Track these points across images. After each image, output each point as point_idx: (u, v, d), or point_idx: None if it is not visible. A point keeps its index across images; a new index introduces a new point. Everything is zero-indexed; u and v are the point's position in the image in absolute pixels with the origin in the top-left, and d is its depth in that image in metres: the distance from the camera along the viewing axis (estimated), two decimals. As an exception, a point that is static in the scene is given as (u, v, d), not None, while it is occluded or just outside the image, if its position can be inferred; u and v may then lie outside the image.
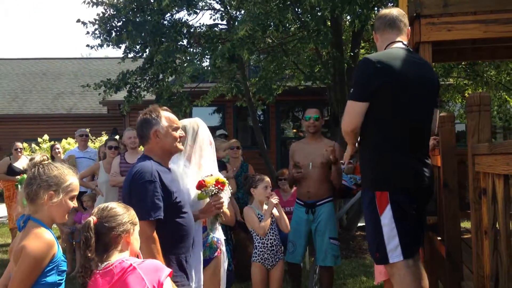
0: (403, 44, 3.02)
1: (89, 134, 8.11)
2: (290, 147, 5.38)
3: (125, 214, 2.15)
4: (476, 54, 6.53)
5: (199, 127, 3.39)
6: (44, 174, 2.23)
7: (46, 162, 2.30)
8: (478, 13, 4.89)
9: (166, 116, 2.91)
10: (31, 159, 2.32)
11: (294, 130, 16.12)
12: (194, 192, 3.24)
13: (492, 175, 2.16)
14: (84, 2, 7.49)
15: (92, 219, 2.09)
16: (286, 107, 15.24)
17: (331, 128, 9.41)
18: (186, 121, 3.42)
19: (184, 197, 2.97)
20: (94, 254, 2.03)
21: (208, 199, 3.23)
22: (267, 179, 4.47)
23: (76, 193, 2.32)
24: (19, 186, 8.45)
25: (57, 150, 8.15)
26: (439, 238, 3.75)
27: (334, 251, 4.91)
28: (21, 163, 8.77)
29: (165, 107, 3.04)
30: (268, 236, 4.40)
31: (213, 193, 3.15)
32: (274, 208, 4.39)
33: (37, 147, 12.79)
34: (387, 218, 2.83)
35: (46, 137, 12.67)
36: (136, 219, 2.22)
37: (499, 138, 14.40)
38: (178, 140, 2.92)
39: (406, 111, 2.89)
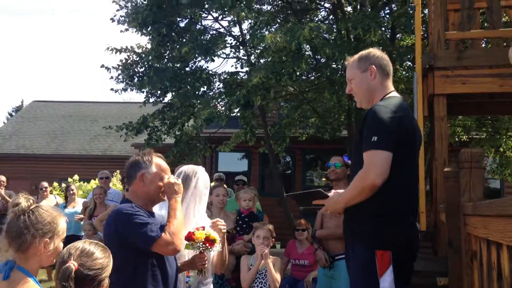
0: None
1: (110, 176, 8.28)
2: None
3: (105, 259, 2.03)
4: (495, 109, 6.35)
5: (197, 176, 3.24)
6: (37, 221, 2.07)
7: (33, 206, 2.13)
8: (494, 67, 4.79)
9: (157, 163, 2.82)
10: (15, 205, 2.13)
11: (324, 179, 15.91)
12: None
13: (479, 238, 2.03)
14: (108, 49, 7.86)
15: (73, 265, 1.91)
16: (313, 155, 15.13)
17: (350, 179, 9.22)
18: (185, 168, 3.39)
19: None
20: None
21: (193, 252, 3.08)
22: (266, 228, 4.35)
23: (65, 235, 2.20)
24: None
25: (71, 192, 8.32)
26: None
27: None
28: (48, 202, 8.99)
29: (159, 154, 2.96)
30: None
31: (199, 250, 2.94)
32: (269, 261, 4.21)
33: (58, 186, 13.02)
34: (387, 282, 2.55)
35: (76, 177, 12.99)
36: (110, 269, 2.09)
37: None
38: (162, 190, 2.80)
39: (412, 166, 2.77)
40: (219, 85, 7.98)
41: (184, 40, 8.15)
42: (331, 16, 9.97)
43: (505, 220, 1.37)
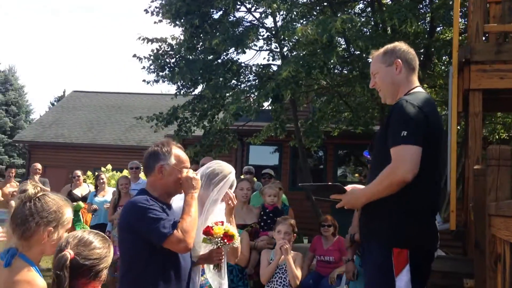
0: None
1: (140, 167, 8.37)
2: None
3: (103, 250, 1.97)
4: (536, 106, 6.02)
5: (227, 179, 3.08)
6: (42, 209, 2.02)
7: (40, 194, 2.08)
8: (533, 62, 4.54)
9: (176, 154, 2.75)
10: (22, 191, 2.08)
11: (357, 175, 15.61)
12: (199, 234, 3.12)
13: (503, 240, 1.89)
14: (139, 38, 7.90)
15: (69, 253, 1.86)
16: (346, 150, 14.87)
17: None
18: (215, 165, 3.16)
19: None
20: None
21: (211, 246, 3.01)
22: (288, 222, 4.27)
23: (70, 225, 2.16)
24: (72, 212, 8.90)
25: (101, 180, 8.44)
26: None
27: None
28: (81, 190, 9.21)
29: (179, 145, 2.89)
30: (273, 284, 4.13)
31: (217, 245, 2.92)
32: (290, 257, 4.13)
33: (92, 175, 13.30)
34: (403, 281, 2.48)
35: (109, 166, 13.23)
36: (110, 261, 2.04)
37: None
38: (181, 182, 2.73)
39: (436, 163, 2.68)
40: (250, 77, 7.91)
41: (216, 32, 8.13)
42: (369, 9, 9.73)
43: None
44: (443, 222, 6.23)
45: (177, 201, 2.96)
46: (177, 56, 8.03)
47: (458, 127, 5.57)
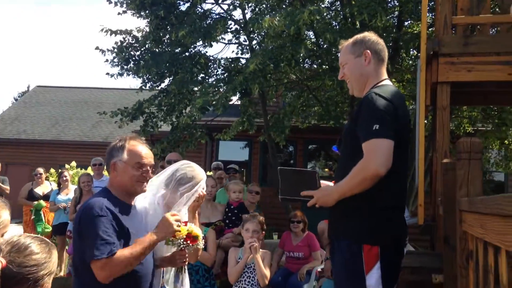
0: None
1: (104, 163, 8.10)
2: None
3: (43, 255, 1.75)
4: (502, 99, 6.05)
5: (199, 185, 2.91)
6: None
7: None
8: (502, 54, 4.52)
9: (130, 149, 2.54)
10: None
11: (327, 170, 15.64)
12: None
13: (475, 237, 1.80)
14: (102, 30, 7.61)
15: (0, 262, 1.65)
16: (316, 145, 14.87)
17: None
18: (188, 168, 2.93)
19: None
20: None
21: (174, 248, 2.83)
22: (256, 220, 4.16)
23: (7, 229, 1.97)
24: (33, 211, 8.58)
25: (64, 178, 8.18)
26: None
27: None
28: (42, 188, 8.87)
29: (139, 139, 2.67)
30: (242, 284, 4.01)
31: (179, 247, 2.74)
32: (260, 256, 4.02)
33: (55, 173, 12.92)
34: (373, 279, 2.41)
35: (73, 163, 12.84)
36: (54, 267, 1.85)
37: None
38: (138, 180, 2.54)
39: (404, 158, 2.63)
40: (218, 71, 7.72)
41: (183, 24, 7.90)
42: (337, 3, 9.68)
43: (504, 221, 1.14)
44: (411, 216, 6.23)
45: (141, 201, 2.78)
46: (142, 49, 7.78)
47: (425, 121, 5.55)
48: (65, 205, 7.88)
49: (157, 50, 7.63)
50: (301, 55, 6.43)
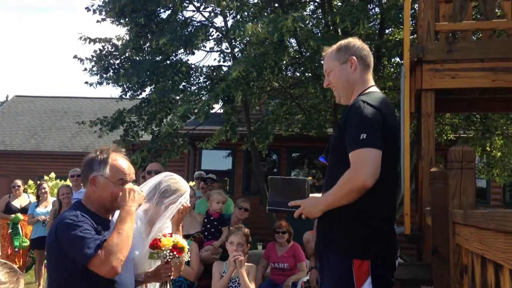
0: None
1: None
2: None
3: (10, 285, 1.60)
4: (486, 106, 6.06)
5: (181, 194, 2.82)
6: None
7: None
8: (486, 61, 4.51)
9: (114, 164, 2.42)
10: None
11: (310, 178, 15.57)
12: (142, 250, 2.80)
13: (471, 252, 1.71)
14: (80, 38, 7.44)
15: None
16: (299, 153, 14.81)
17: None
18: (171, 180, 2.85)
19: None
20: None
21: (158, 262, 2.72)
22: (241, 233, 4.04)
23: None
24: (10, 225, 8.31)
25: (43, 190, 7.96)
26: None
27: None
28: (20, 201, 8.62)
29: (123, 154, 2.53)
30: None
31: (165, 259, 2.63)
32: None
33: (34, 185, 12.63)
34: None
35: (52, 175, 12.58)
36: None
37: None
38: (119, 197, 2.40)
39: (394, 167, 2.54)
40: (200, 80, 7.60)
41: (164, 31, 7.78)
42: (319, 10, 9.68)
43: (508, 238, 1.04)
44: (397, 225, 6.18)
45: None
46: (122, 57, 7.62)
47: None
48: (44, 218, 7.67)
49: (137, 58, 7.49)
50: (284, 62, 6.36)
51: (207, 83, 7.61)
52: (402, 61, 6.12)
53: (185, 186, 2.84)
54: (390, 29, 9.18)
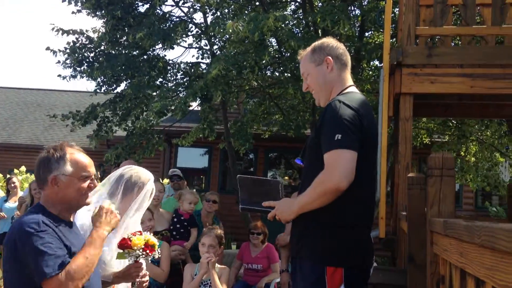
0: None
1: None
2: None
3: None
4: (463, 111, 6.11)
5: (146, 188, 2.76)
6: None
7: None
8: (465, 66, 4.51)
9: (73, 159, 2.27)
10: None
11: (286, 178, 15.53)
12: (110, 251, 2.68)
13: (449, 263, 1.66)
14: (53, 29, 7.20)
15: None
16: (276, 153, 14.76)
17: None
18: (133, 172, 2.80)
19: None
20: None
21: (127, 262, 2.61)
22: (214, 234, 3.94)
23: None
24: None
25: (13, 184, 7.71)
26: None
27: None
28: (-14, 195, 8.34)
29: (77, 147, 2.38)
30: None
31: (137, 258, 2.54)
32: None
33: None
34: None
35: (23, 168, 12.21)
36: None
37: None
38: (85, 192, 2.28)
39: (371, 171, 2.48)
40: (177, 76, 7.45)
41: (141, 25, 7.61)
42: (300, 11, 9.64)
43: (496, 255, 0.98)
44: (372, 229, 6.17)
45: (84, 214, 2.53)
46: (97, 50, 7.40)
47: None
48: (4, 216, 7.41)
49: (113, 52, 7.29)
50: (264, 61, 6.28)
51: (184, 79, 7.46)
52: (381, 64, 6.11)
53: (147, 174, 2.80)
54: (370, 32, 9.20)
